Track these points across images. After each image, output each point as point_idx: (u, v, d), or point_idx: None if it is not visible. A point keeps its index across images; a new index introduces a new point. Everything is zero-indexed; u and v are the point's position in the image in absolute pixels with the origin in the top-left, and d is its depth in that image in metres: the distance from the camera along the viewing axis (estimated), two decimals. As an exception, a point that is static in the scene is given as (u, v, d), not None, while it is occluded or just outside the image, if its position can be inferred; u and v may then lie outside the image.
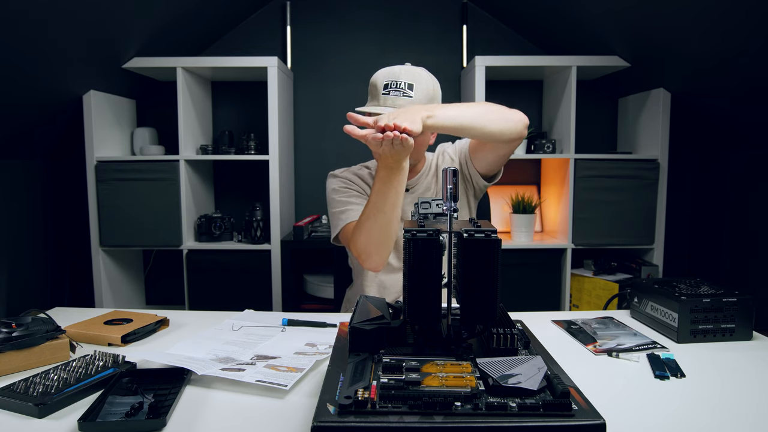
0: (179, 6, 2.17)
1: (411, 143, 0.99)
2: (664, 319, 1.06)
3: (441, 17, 2.72)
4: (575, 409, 0.55)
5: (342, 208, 1.31)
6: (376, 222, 1.12)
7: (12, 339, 0.88)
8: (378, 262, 1.18)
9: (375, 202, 1.11)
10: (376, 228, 1.13)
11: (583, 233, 2.35)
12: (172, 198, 2.33)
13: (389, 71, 1.26)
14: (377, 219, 1.12)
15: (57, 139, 2.42)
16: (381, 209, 1.11)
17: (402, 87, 1.23)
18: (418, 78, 1.25)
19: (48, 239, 2.48)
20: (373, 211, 1.12)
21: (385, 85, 1.24)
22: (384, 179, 1.09)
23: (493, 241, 0.65)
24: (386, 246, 1.16)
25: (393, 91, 1.22)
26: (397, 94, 1.22)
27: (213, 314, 1.25)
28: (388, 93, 1.23)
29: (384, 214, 1.11)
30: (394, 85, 1.23)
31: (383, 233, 1.13)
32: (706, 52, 1.90)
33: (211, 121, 2.75)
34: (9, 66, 1.78)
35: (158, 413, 0.70)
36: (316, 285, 2.52)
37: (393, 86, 1.23)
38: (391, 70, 1.26)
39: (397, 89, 1.23)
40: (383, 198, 1.10)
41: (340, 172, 1.40)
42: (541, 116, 2.77)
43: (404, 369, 0.63)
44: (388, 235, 1.14)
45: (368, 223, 1.13)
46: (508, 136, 1.18)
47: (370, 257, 1.17)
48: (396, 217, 1.13)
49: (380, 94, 1.24)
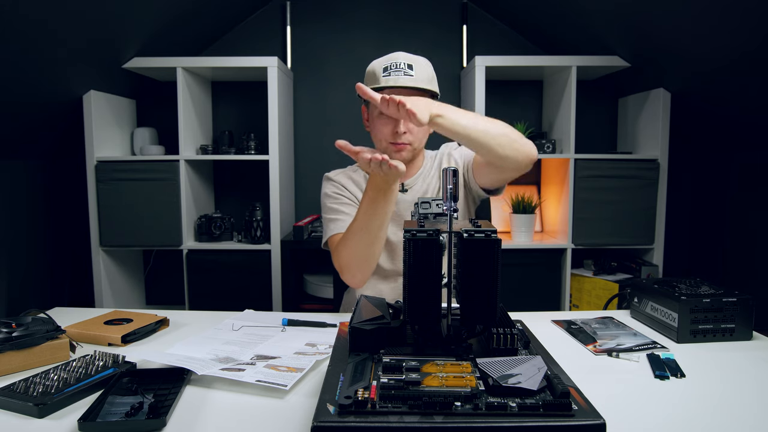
0: (179, 6, 2.17)
1: (402, 170, 0.97)
2: (664, 319, 1.06)
3: (441, 17, 2.72)
4: (575, 409, 0.55)
5: (332, 216, 1.30)
6: (360, 240, 1.11)
7: (12, 339, 0.88)
8: (359, 279, 1.17)
9: (360, 220, 1.10)
10: (360, 246, 1.12)
11: (583, 233, 2.35)
12: (172, 198, 2.33)
13: (385, 57, 1.25)
14: (362, 237, 1.11)
15: (57, 139, 2.42)
16: (366, 228, 1.10)
17: (402, 67, 1.20)
18: (416, 60, 1.24)
19: (48, 239, 2.48)
20: (358, 228, 1.11)
21: (384, 68, 1.22)
22: (372, 199, 1.06)
23: (493, 241, 0.65)
24: (368, 264, 1.15)
25: (393, 72, 1.20)
26: (398, 74, 1.20)
27: (213, 314, 1.25)
28: (388, 74, 1.20)
29: (368, 233, 1.10)
30: (393, 66, 1.21)
31: (366, 251, 1.12)
32: (706, 52, 1.90)
33: (211, 121, 2.75)
34: (9, 66, 1.78)
35: (158, 413, 0.70)
36: (316, 285, 2.52)
37: (393, 67, 1.21)
38: (387, 56, 1.25)
39: (397, 69, 1.20)
40: (369, 218, 1.08)
41: (334, 174, 1.38)
42: (541, 116, 2.77)
43: (404, 369, 0.63)
44: (371, 254, 1.13)
45: (353, 239, 1.12)
46: (511, 164, 1.11)
47: (351, 273, 1.17)
48: (381, 237, 1.11)
49: (380, 77, 1.22)
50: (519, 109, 2.76)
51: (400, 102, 0.91)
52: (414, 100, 0.95)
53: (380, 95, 0.95)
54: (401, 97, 0.93)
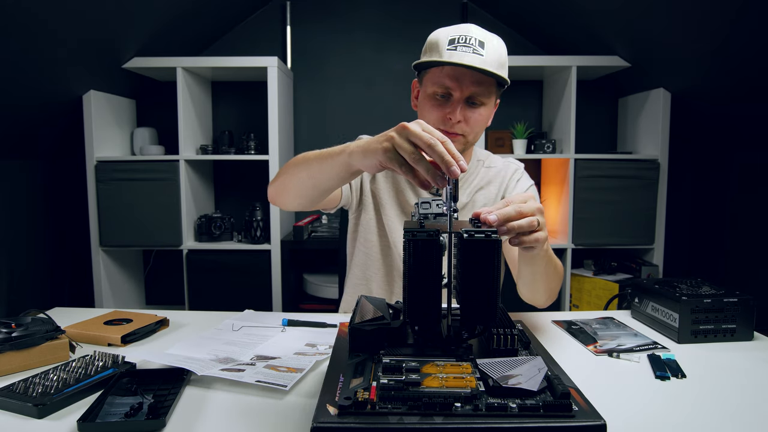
0: (179, 6, 2.17)
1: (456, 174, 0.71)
2: (665, 319, 1.06)
3: (441, 17, 2.72)
4: (576, 410, 0.55)
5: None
6: (302, 170, 0.97)
7: (12, 339, 0.87)
8: (282, 202, 1.06)
9: (318, 158, 0.93)
10: (297, 177, 0.99)
11: (583, 233, 2.35)
12: (172, 198, 2.33)
13: (454, 28, 1.07)
14: (304, 170, 0.97)
15: (57, 139, 2.42)
16: (310, 169, 0.94)
17: (472, 43, 1.03)
18: (489, 37, 1.06)
19: (48, 239, 2.48)
20: (308, 164, 0.96)
21: (451, 39, 1.05)
22: (341, 155, 0.86)
23: (493, 241, 0.65)
24: (295, 196, 1.02)
25: (461, 47, 1.03)
26: (467, 50, 1.03)
27: (213, 314, 1.25)
28: (455, 48, 1.04)
29: (310, 179, 0.96)
30: (462, 39, 1.04)
31: (299, 185, 0.99)
32: (706, 52, 1.90)
33: (211, 121, 2.75)
34: (9, 66, 1.78)
35: (158, 414, 0.70)
36: (316, 285, 2.52)
37: (461, 41, 1.04)
38: (456, 26, 1.07)
39: (466, 44, 1.03)
40: (321, 162, 0.91)
41: (367, 137, 1.24)
42: (541, 116, 2.77)
43: (404, 370, 0.62)
44: (302, 185, 0.99)
45: (297, 168, 0.99)
46: (540, 298, 1.08)
47: (277, 192, 1.06)
48: (318, 183, 0.96)
49: (444, 49, 1.05)
50: (519, 109, 2.76)
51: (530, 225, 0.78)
52: (536, 216, 0.80)
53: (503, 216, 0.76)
54: (518, 208, 0.77)
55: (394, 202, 1.25)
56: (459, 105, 1.08)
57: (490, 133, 2.54)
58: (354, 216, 1.31)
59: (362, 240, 1.29)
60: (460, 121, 1.08)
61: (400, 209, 1.25)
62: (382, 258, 1.28)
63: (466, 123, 1.10)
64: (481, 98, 1.09)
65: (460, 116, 1.08)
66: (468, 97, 1.09)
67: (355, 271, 1.32)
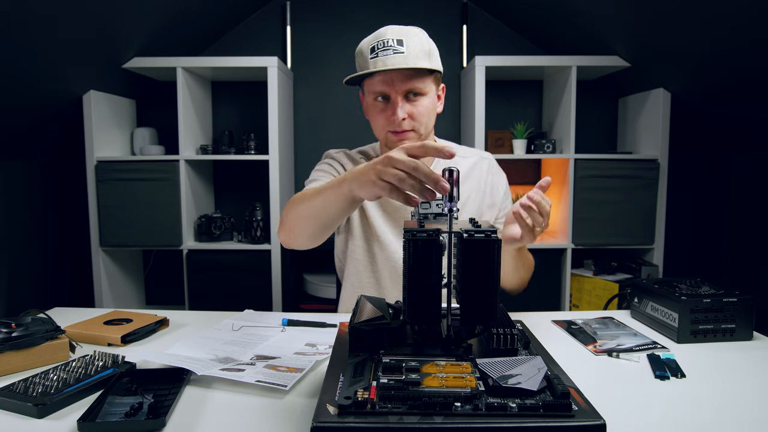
0: (179, 6, 2.17)
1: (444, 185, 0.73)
2: (665, 319, 1.06)
3: (441, 17, 2.72)
4: (575, 410, 0.55)
5: (312, 177, 1.21)
6: (306, 210, 0.98)
7: (12, 339, 0.88)
8: (296, 245, 1.07)
9: (319, 196, 0.93)
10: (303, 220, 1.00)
11: (583, 233, 2.35)
12: (172, 198, 2.33)
13: (372, 35, 1.12)
14: (308, 209, 0.97)
15: (57, 139, 2.42)
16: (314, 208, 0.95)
17: (390, 44, 1.08)
18: (406, 32, 1.10)
19: (48, 239, 2.48)
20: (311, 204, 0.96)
21: (371, 48, 1.09)
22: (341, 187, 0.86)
23: (493, 241, 0.65)
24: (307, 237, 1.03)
25: (381, 52, 1.08)
26: (387, 53, 1.07)
27: (213, 314, 1.25)
28: (376, 55, 1.08)
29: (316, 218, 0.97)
30: (381, 45, 1.08)
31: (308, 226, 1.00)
32: (706, 52, 1.90)
33: (211, 121, 2.75)
34: (9, 66, 1.78)
35: (158, 413, 0.70)
36: (316, 285, 2.52)
37: (380, 46, 1.08)
38: (375, 33, 1.12)
39: (385, 48, 1.08)
40: (323, 199, 0.92)
41: (336, 152, 1.30)
42: (541, 116, 2.77)
43: (404, 369, 0.62)
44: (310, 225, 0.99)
45: (300, 211, 1.00)
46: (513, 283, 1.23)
47: (289, 238, 1.06)
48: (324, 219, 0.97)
49: (368, 59, 1.10)
50: (519, 109, 2.76)
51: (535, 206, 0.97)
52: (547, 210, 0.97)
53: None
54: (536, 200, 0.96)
55: (376, 204, 1.27)
56: (398, 104, 1.11)
57: (490, 133, 2.54)
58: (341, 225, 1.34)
59: (351, 247, 1.31)
60: (404, 118, 1.12)
61: (381, 209, 1.27)
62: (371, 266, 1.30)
63: (412, 118, 1.13)
64: (417, 90, 1.13)
65: (403, 114, 1.11)
66: (406, 94, 1.12)
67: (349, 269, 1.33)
